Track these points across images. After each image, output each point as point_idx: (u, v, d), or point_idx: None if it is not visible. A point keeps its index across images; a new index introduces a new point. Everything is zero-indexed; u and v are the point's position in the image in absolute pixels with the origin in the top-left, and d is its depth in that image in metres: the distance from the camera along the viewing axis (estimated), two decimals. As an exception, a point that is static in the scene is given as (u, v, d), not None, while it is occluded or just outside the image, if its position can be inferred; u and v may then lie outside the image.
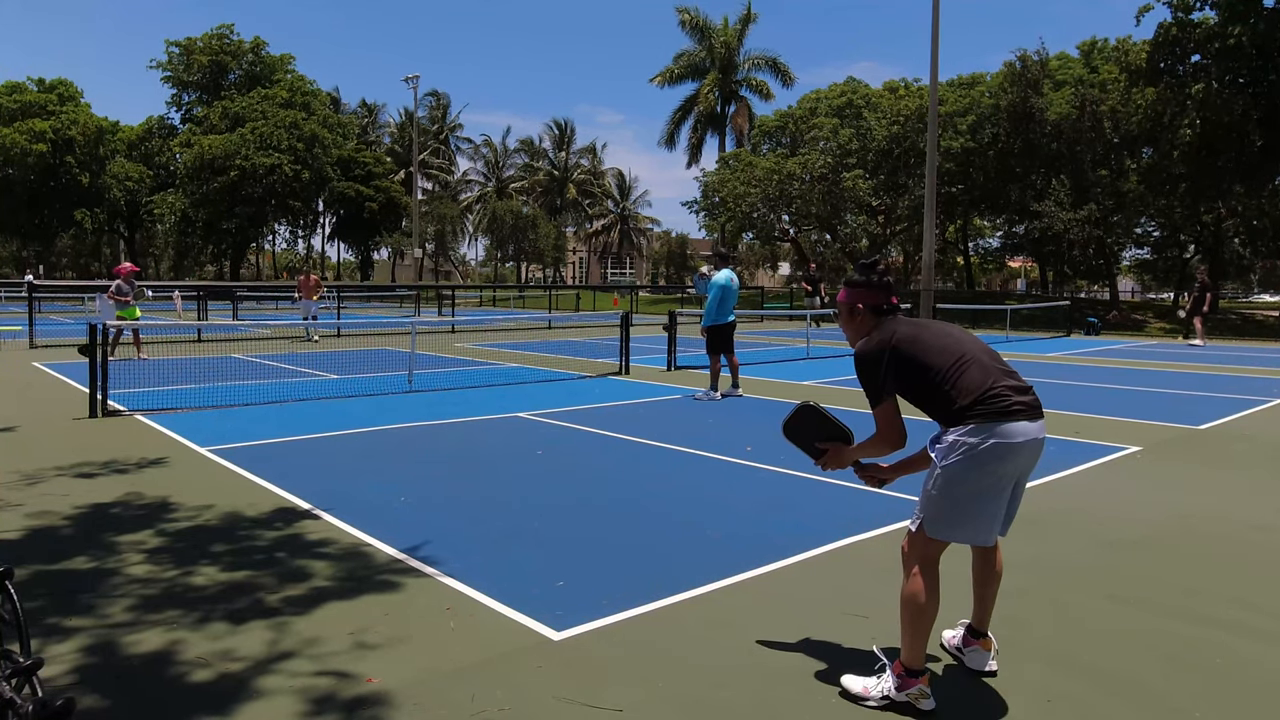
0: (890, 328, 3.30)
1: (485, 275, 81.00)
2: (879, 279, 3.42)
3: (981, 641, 3.44)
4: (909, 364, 3.20)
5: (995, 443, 3.02)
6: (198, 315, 24.67)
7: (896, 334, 3.25)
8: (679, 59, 52.61)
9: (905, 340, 3.23)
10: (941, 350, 3.19)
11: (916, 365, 3.19)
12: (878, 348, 3.25)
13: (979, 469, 3.05)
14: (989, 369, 3.16)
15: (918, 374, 3.19)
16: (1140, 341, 23.83)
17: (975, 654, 3.45)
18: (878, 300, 3.39)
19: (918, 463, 3.38)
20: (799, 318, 26.83)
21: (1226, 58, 27.81)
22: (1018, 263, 62.67)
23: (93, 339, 9.11)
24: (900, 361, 3.21)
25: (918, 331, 3.27)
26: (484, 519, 5.39)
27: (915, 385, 3.21)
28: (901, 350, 3.21)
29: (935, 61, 28.92)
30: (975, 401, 3.07)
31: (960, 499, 3.10)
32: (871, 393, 3.27)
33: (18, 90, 55.74)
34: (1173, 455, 7.73)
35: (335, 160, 54.24)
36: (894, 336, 3.25)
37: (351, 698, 3.13)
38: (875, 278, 3.42)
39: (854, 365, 3.34)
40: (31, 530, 5.07)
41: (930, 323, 3.41)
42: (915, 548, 3.22)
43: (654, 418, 9.37)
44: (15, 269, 63.57)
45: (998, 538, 3.34)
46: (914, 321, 3.35)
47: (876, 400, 3.26)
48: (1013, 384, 3.14)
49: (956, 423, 3.09)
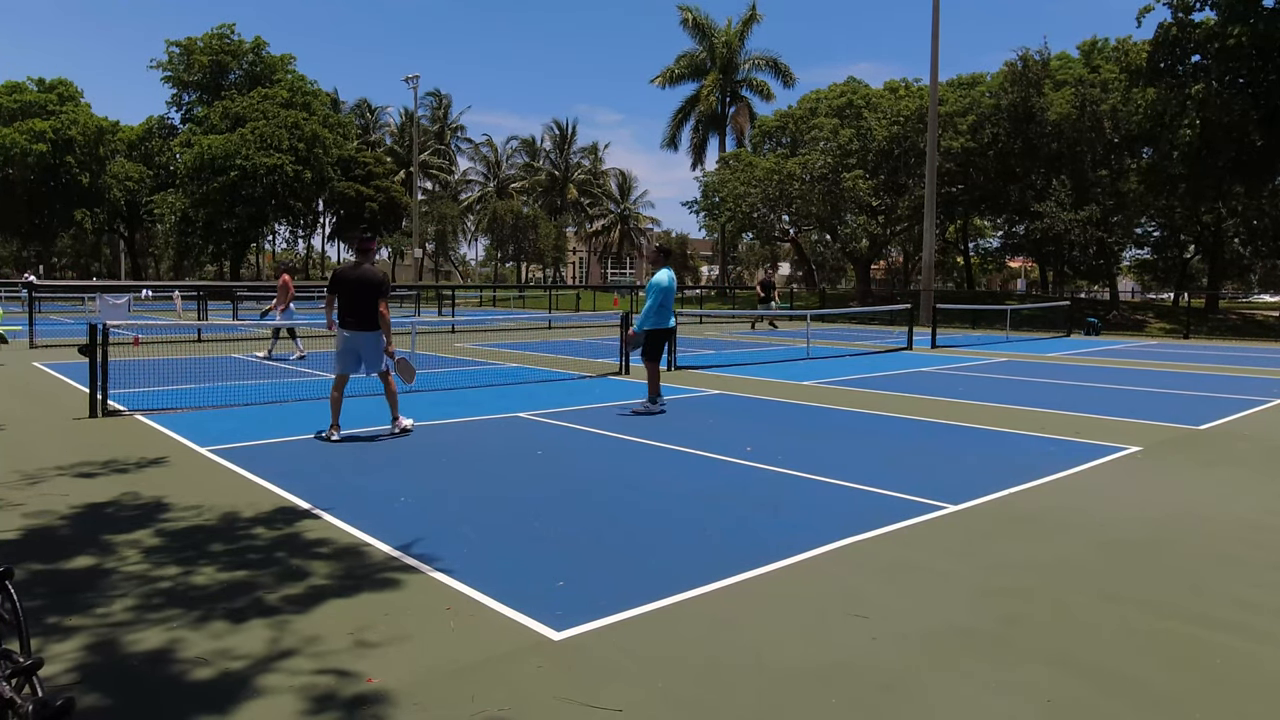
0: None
1: (485, 275, 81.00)
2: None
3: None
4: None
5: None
6: (198, 315, 24.67)
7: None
8: (680, 59, 52.65)
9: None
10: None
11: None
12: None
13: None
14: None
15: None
16: (1140, 341, 23.82)
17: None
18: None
19: None
20: (799, 317, 26.82)
21: (1226, 58, 27.82)
22: (1018, 263, 62.66)
23: (93, 339, 9.10)
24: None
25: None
26: (484, 519, 5.39)
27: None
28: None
29: (935, 61, 28.95)
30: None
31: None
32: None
33: (18, 90, 55.78)
34: (1173, 455, 7.73)
35: (336, 160, 54.25)
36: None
37: (351, 697, 3.13)
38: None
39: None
40: (31, 530, 5.07)
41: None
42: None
43: (654, 418, 9.36)
44: (15, 269, 63.56)
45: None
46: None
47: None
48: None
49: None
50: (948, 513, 5.62)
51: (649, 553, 4.79)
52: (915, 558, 4.73)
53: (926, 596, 4.18)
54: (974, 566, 4.61)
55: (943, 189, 34.71)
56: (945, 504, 5.79)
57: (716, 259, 67.93)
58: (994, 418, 9.52)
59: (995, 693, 3.24)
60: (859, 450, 7.77)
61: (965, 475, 6.71)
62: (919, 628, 3.79)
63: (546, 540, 4.97)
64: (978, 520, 5.48)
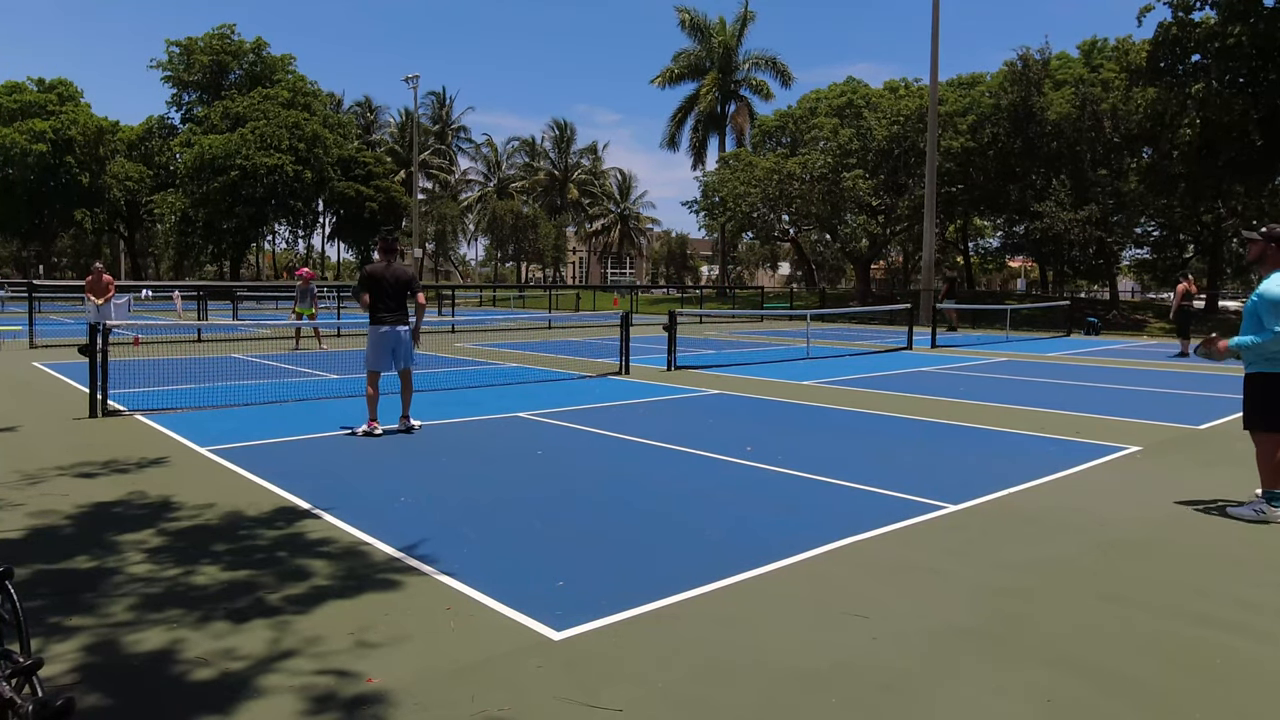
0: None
1: (485, 275, 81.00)
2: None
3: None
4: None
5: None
6: (198, 315, 24.68)
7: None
8: (678, 58, 52.67)
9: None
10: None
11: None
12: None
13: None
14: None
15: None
16: (1140, 341, 23.82)
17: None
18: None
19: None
20: (798, 317, 26.82)
21: (1226, 57, 27.81)
22: (1018, 263, 62.65)
23: (93, 339, 9.11)
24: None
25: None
26: (484, 519, 5.39)
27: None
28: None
29: (935, 61, 28.95)
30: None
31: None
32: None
33: (18, 90, 55.76)
34: (1173, 455, 7.73)
35: (336, 160, 54.25)
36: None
37: (352, 697, 3.13)
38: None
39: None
40: (32, 530, 5.07)
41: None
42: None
43: (654, 418, 9.36)
44: (15, 269, 63.57)
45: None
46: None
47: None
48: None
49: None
50: (948, 513, 5.62)
51: (649, 553, 4.79)
52: (915, 558, 4.74)
53: (926, 596, 4.18)
54: (974, 566, 4.61)
55: (943, 189, 34.71)
56: (945, 504, 5.80)
57: (716, 259, 67.91)
58: (994, 417, 9.52)
59: (995, 693, 3.24)
60: (859, 450, 7.78)
61: (965, 475, 6.72)
62: (919, 628, 3.79)
63: (546, 540, 4.97)
64: (978, 520, 5.48)
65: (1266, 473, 5.73)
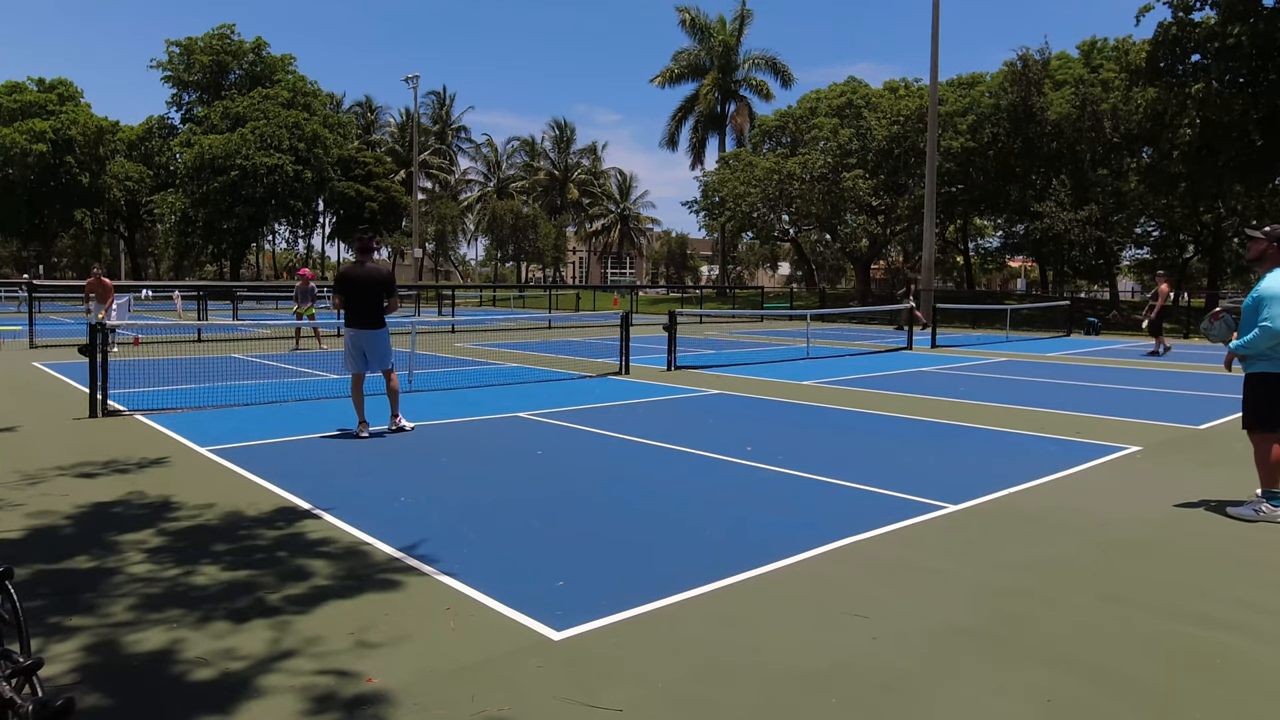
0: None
1: (485, 275, 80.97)
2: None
3: None
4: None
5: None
6: (198, 315, 24.68)
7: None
8: (678, 58, 52.66)
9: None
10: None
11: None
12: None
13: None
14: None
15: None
16: (1140, 341, 23.81)
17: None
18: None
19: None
20: (798, 317, 26.81)
21: (1226, 57, 27.81)
22: (1018, 263, 62.67)
23: (93, 339, 9.11)
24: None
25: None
26: (484, 519, 5.39)
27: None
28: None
29: (935, 61, 28.95)
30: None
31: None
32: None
33: (18, 90, 55.79)
34: (1173, 455, 7.73)
35: (336, 160, 54.26)
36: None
37: (352, 697, 3.13)
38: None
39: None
40: (32, 530, 5.07)
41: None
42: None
43: (654, 418, 9.36)
44: (15, 269, 63.57)
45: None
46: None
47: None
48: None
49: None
50: (948, 513, 5.62)
51: (649, 552, 4.79)
52: (915, 558, 4.74)
53: (926, 596, 4.18)
54: (974, 566, 4.61)
55: (942, 189, 34.71)
56: (945, 504, 5.80)
57: (716, 259, 67.90)
58: (994, 417, 9.52)
59: (995, 693, 3.24)
60: (859, 450, 7.77)
61: (965, 475, 6.72)
62: (919, 628, 3.79)
63: (546, 540, 4.97)
64: (978, 520, 5.48)
65: (1265, 472, 5.73)
